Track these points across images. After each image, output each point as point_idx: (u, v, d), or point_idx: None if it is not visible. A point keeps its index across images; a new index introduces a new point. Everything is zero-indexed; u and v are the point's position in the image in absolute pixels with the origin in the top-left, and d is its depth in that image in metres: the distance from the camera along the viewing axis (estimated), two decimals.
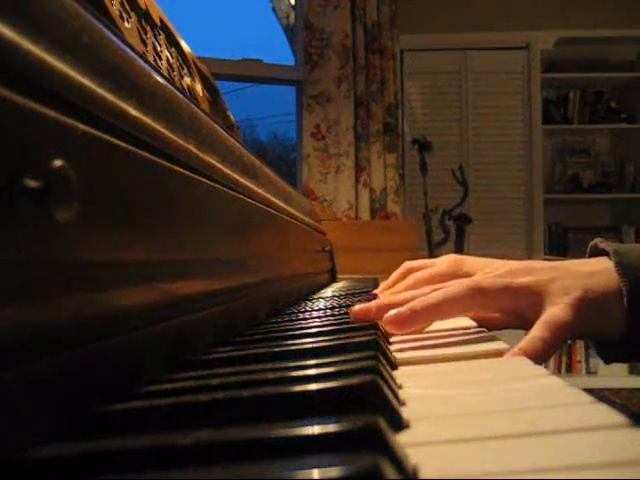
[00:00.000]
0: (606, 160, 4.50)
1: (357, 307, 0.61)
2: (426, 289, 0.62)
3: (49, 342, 0.28)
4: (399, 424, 0.28)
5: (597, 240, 0.65)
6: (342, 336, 0.50)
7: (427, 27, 4.17)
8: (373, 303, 0.61)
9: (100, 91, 0.35)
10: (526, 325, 0.57)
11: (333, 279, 1.78)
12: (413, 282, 0.93)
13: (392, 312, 0.57)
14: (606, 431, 0.27)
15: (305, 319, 0.72)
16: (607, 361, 0.63)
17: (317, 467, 0.19)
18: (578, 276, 0.57)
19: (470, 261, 0.90)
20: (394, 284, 0.98)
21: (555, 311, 0.54)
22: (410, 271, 0.96)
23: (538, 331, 0.53)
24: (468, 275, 0.90)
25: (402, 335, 0.59)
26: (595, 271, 0.58)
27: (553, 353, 0.53)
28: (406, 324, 0.57)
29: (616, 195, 4.39)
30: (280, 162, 8.01)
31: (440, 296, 0.57)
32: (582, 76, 4.33)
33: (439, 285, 0.61)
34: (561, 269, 0.59)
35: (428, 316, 0.58)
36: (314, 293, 1.28)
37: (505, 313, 0.62)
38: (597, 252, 0.63)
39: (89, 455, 0.24)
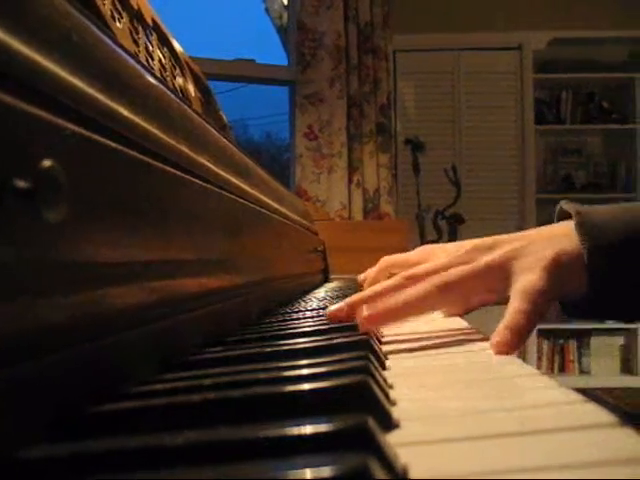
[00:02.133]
0: (598, 160, 4.52)
1: (331, 307, 0.62)
2: (390, 281, 0.63)
3: (38, 343, 0.28)
4: (389, 424, 0.28)
5: (562, 202, 0.65)
6: (333, 336, 0.50)
7: (420, 27, 4.17)
8: (344, 302, 0.62)
9: (91, 91, 0.35)
10: (502, 299, 0.57)
11: (326, 279, 1.78)
12: (388, 274, 0.98)
13: (364, 310, 0.56)
14: (595, 430, 0.27)
15: (297, 319, 0.72)
16: (570, 316, 0.63)
17: (305, 467, 0.19)
18: (546, 240, 0.57)
19: (440, 249, 0.94)
20: (375, 280, 1.01)
21: (530, 278, 0.53)
22: (387, 266, 1.00)
23: (518, 303, 0.52)
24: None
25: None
26: (562, 234, 0.57)
27: (537, 324, 0.52)
28: (377, 322, 0.57)
29: (608, 195, 4.41)
30: (274, 162, 8.01)
31: (411, 296, 0.57)
32: (574, 76, 4.34)
33: (409, 273, 0.62)
34: (527, 237, 0.58)
35: (398, 314, 0.57)
36: (307, 293, 1.28)
37: (479, 295, 0.60)
38: (564, 216, 0.63)
39: (80, 456, 0.24)
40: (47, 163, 0.27)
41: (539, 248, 0.56)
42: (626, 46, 4.34)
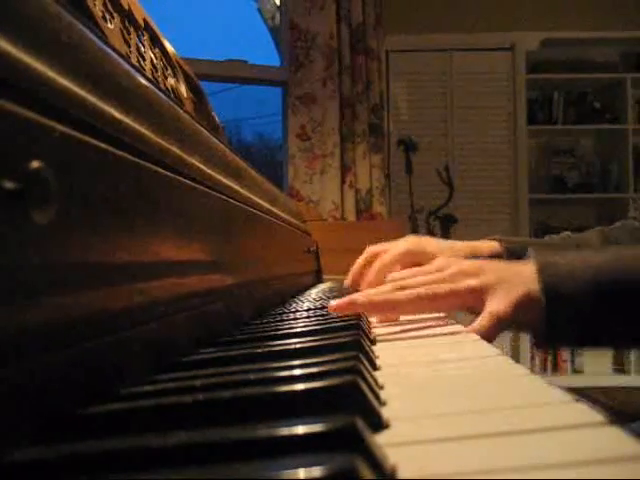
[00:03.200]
0: (590, 160, 4.53)
1: (333, 302, 0.71)
2: (385, 288, 0.73)
3: (29, 344, 0.28)
4: (379, 424, 0.28)
5: (530, 251, 0.79)
6: (325, 337, 0.50)
7: (412, 28, 4.18)
8: (348, 297, 0.71)
9: (81, 92, 0.34)
10: (474, 311, 0.70)
11: (319, 280, 1.78)
12: (380, 266, 1.05)
13: (362, 297, 0.70)
14: (585, 430, 0.27)
15: (289, 320, 0.72)
16: (536, 345, 0.75)
17: (292, 468, 0.19)
18: (520, 279, 0.69)
19: (431, 242, 1.07)
20: (361, 272, 1.12)
21: (498, 306, 0.66)
22: (374, 256, 1.10)
23: (484, 322, 0.65)
24: (430, 255, 1.03)
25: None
26: (531, 278, 0.68)
27: (493, 339, 0.65)
28: (371, 311, 0.73)
29: (600, 195, 4.42)
30: (266, 163, 8.01)
31: (399, 297, 0.70)
32: (566, 77, 4.35)
33: (401, 284, 0.73)
34: (506, 271, 0.71)
35: (385, 310, 0.73)
36: (300, 294, 1.27)
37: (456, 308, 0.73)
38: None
39: (71, 458, 0.24)
40: (36, 164, 0.27)
41: (511, 285, 0.68)
42: (618, 47, 4.35)
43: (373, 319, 0.77)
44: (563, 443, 0.25)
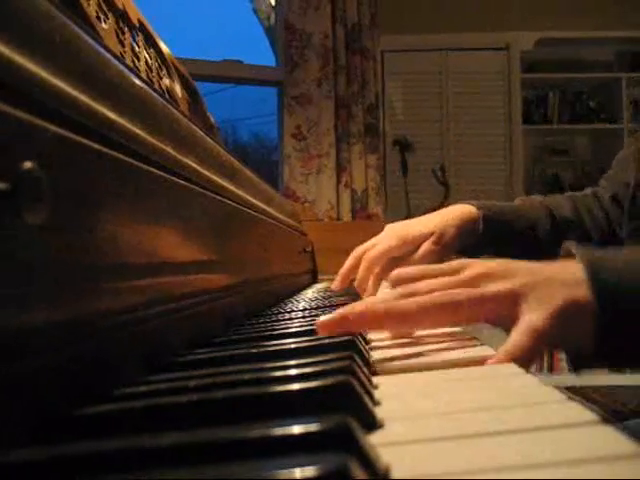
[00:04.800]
0: (586, 160, 4.54)
1: (322, 318, 0.53)
2: (388, 296, 0.56)
3: (21, 345, 0.28)
4: (373, 424, 0.28)
5: (569, 244, 0.60)
6: (320, 337, 0.50)
7: (408, 28, 4.18)
8: (337, 312, 0.53)
9: (74, 93, 0.34)
10: (504, 326, 0.54)
11: (314, 280, 1.78)
12: (368, 264, 1.03)
13: (358, 307, 0.53)
14: (577, 428, 0.27)
15: (285, 320, 0.72)
16: (575, 366, 0.59)
17: (285, 468, 0.19)
18: (557, 284, 0.54)
19: (409, 226, 1.05)
20: (350, 271, 1.08)
21: (534, 318, 0.51)
22: (360, 257, 1.06)
23: (520, 337, 0.50)
24: (415, 239, 1.03)
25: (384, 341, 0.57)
26: (574, 280, 0.54)
27: (534, 360, 0.51)
28: (371, 324, 0.54)
29: None
30: (262, 163, 8.02)
31: (409, 306, 0.53)
32: (561, 76, 4.36)
33: (410, 289, 0.56)
34: (539, 273, 0.55)
35: (398, 324, 0.54)
36: (295, 294, 1.27)
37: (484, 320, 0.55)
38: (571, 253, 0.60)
39: (65, 458, 0.24)
40: (28, 165, 0.27)
41: (551, 291, 0.53)
42: (613, 46, 4.36)
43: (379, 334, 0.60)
44: (556, 442, 0.25)
